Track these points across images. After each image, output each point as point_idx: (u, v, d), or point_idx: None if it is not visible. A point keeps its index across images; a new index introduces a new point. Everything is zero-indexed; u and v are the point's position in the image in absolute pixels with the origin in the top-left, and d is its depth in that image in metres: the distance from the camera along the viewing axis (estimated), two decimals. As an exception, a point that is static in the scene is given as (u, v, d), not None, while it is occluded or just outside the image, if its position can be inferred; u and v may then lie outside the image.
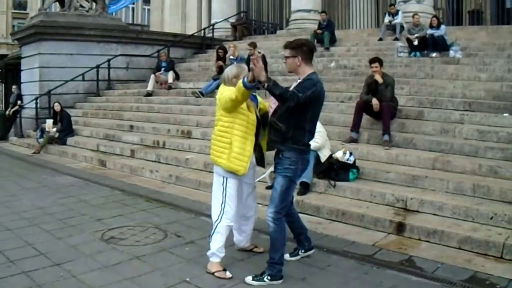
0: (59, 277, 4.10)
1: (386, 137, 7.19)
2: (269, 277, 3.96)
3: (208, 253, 4.24)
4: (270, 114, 4.22)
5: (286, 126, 3.93)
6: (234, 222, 4.34)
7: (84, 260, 4.50)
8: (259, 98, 4.39)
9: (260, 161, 4.41)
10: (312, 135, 4.11)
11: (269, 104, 4.24)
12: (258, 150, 4.30)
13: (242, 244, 4.62)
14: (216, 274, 4.11)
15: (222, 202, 4.17)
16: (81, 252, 4.71)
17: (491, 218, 4.99)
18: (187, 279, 4.05)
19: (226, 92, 4.06)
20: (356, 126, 7.56)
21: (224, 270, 4.14)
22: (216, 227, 4.19)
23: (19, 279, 4.06)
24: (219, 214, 4.18)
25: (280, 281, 3.98)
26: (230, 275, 4.09)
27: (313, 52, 4.14)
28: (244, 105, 4.08)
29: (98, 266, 4.34)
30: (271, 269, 3.99)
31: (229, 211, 4.18)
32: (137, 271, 4.22)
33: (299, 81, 4.02)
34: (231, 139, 4.07)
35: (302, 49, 4.01)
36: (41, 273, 4.19)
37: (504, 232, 4.76)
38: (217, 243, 4.18)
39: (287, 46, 4.08)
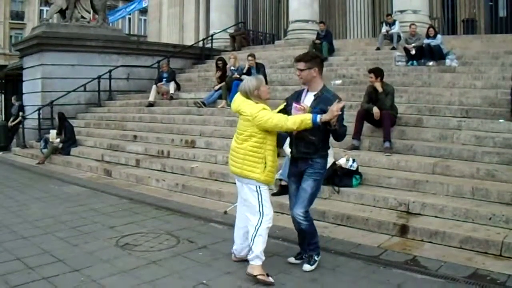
0: (80, 282, 4.24)
1: (387, 144, 7.42)
2: (316, 255, 4.47)
3: (249, 257, 4.29)
4: None
5: (318, 139, 4.25)
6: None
7: (102, 265, 4.65)
8: None
9: None
10: None
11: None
12: None
13: (243, 253, 4.56)
14: (258, 277, 4.15)
15: (260, 206, 4.29)
16: (98, 258, 4.86)
17: (490, 219, 5.22)
18: (204, 282, 4.22)
19: (268, 114, 4.18)
20: (357, 133, 7.78)
21: (268, 274, 4.18)
22: (257, 230, 4.25)
23: (41, 285, 4.19)
24: (259, 218, 4.28)
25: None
26: (272, 280, 4.15)
27: (323, 64, 4.39)
28: None
29: (116, 271, 4.49)
30: (315, 250, 4.48)
31: (268, 213, 4.33)
32: (155, 275, 4.38)
33: (313, 93, 4.23)
34: (265, 154, 4.26)
35: (316, 61, 4.28)
36: (61, 278, 4.32)
37: (502, 231, 4.99)
38: (260, 245, 4.25)
39: (302, 59, 4.28)
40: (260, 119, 4.17)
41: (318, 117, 3.98)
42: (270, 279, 4.16)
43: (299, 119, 4.07)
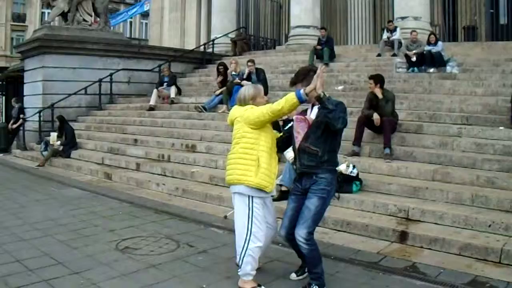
0: (80, 285, 4.24)
1: (387, 150, 7.42)
2: (316, 287, 4.03)
3: (239, 273, 4.16)
4: (297, 139, 4.12)
5: (322, 150, 3.94)
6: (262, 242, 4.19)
7: (102, 268, 4.65)
8: None
9: None
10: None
11: (296, 129, 4.12)
12: None
13: None
14: None
15: (249, 223, 4.04)
16: (98, 261, 4.86)
17: (489, 226, 5.23)
18: (204, 286, 4.23)
19: (255, 108, 4.07)
20: (358, 140, 7.79)
21: (259, 285, 4.11)
22: (246, 250, 4.04)
23: (40, 287, 4.19)
24: (246, 237, 4.05)
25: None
26: None
27: None
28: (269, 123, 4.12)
29: (116, 274, 4.49)
30: (317, 280, 4.05)
31: (258, 232, 4.06)
32: (155, 279, 4.39)
33: (318, 106, 3.95)
34: (258, 155, 4.01)
35: (310, 75, 3.94)
36: (61, 281, 4.33)
37: (501, 238, 5.01)
38: (249, 265, 4.06)
39: (296, 81, 4.06)
40: (248, 114, 4.05)
41: (302, 90, 3.79)
42: None
43: (284, 98, 3.84)
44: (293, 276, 4.45)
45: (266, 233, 4.24)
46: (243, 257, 4.06)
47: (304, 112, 4.21)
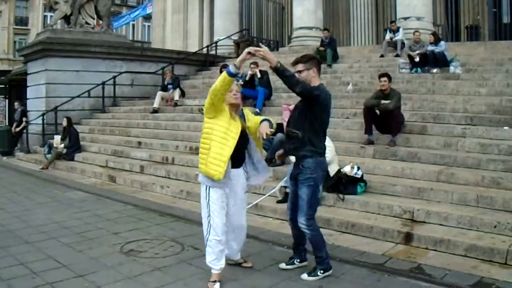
0: (85, 288, 4.24)
1: (391, 137, 7.63)
2: (321, 271, 4.36)
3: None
4: (285, 126, 4.41)
5: (302, 131, 4.24)
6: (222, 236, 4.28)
7: (106, 271, 4.64)
8: (250, 116, 4.55)
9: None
10: (325, 139, 4.44)
11: (283, 118, 4.42)
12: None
13: (236, 258, 4.65)
14: (208, 284, 4.21)
15: (208, 216, 4.22)
16: (102, 264, 4.86)
17: (495, 227, 5.20)
18: (209, 289, 4.22)
19: None
20: (369, 129, 7.94)
21: (214, 281, 4.20)
22: (206, 240, 4.26)
23: (46, 290, 4.19)
24: (207, 228, 4.23)
25: (331, 270, 4.41)
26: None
27: (320, 65, 4.50)
28: (226, 113, 4.21)
29: (121, 277, 4.48)
30: (321, 264, 4.38)
31: (216, 226, 4.20)
32: (160, 282, 4.38)
33: None
34: (210, 144, 4.14)
35: (314, 62, 4.38)
36: (66, 284, 4.33)
37: (507, 239, 4.98)
38: (208, 255, 4.27)
39: (300, 61, 4.37)
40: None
41: (231, 65, 4.01)
42: (216, 286, 4.17)
43: (221, 76, 4.05)
44: (282, 265, 4.69)
45: (234, 231, 4.49)
46: (206, 247, 4.28)
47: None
